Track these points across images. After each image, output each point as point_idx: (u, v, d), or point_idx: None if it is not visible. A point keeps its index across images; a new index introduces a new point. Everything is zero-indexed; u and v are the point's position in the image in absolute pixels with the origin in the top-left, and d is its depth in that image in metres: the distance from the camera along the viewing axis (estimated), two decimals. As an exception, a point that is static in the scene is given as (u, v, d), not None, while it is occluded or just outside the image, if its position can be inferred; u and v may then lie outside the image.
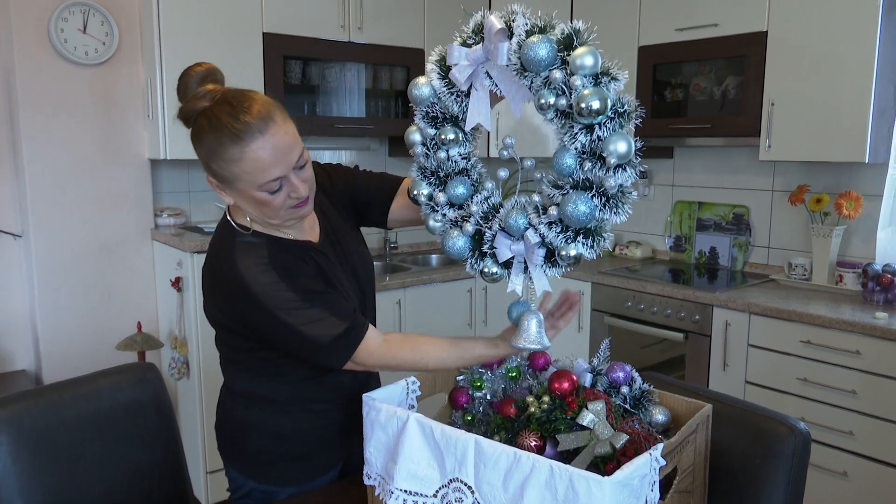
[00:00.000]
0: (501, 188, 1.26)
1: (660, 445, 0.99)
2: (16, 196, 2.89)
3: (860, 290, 2.74)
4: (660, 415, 1.23)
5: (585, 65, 1.03)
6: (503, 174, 1.21)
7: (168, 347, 3.01)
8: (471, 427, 1.30)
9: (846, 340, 2.44)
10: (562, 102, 1.06)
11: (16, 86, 2.74)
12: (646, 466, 0.96)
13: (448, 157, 1.24)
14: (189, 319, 2.83)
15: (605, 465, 1.05)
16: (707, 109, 3.13)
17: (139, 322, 3.01)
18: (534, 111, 1.13)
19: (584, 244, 1.11)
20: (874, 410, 2.39)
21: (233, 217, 1.35)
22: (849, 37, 2.59)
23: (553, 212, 1.11)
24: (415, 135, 1.26)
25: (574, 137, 1.07)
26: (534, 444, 1.11)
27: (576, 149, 1.08)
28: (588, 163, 1.07)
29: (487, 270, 1.22)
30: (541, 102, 1.08)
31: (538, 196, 1.16)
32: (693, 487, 1.19)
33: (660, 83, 3.25)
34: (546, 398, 1.18)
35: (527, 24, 1.08)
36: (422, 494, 1.10)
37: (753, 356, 2.70)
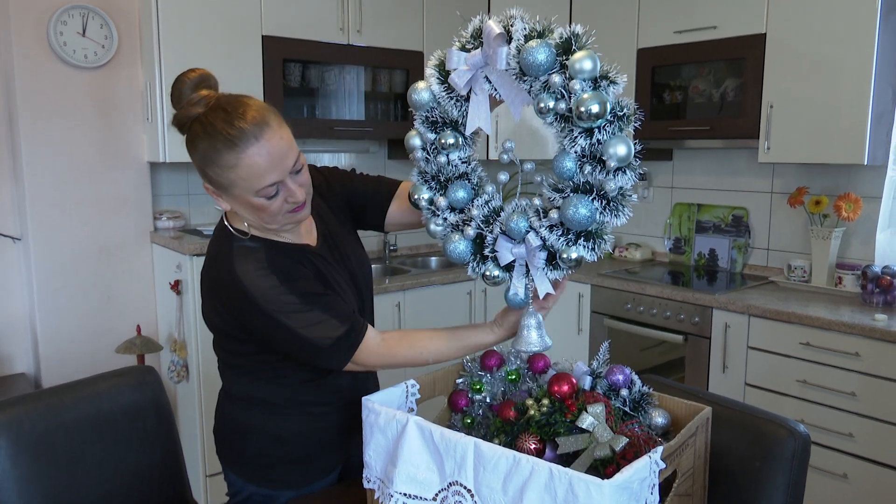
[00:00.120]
0: (502, 192, 1.26)
1: (659, 448, 0.99)
2: (15, 199, 2.89)
3: (859, 292, 2.74)
4: (659, 417, 1.22)
5: (584, 69, 1.04)
6: (503, 177, 1.21)
7: (167, 350, 3.00)
8: (470, 430, 1.30)
9: (845, 342, 2.44)
10: (561, 106, 1.07)
11: (15, 89, 2.74)
12: (645, 469, 0.96)
13: (448, 162, 1.24)
14: (188, 322, 2.83)
15: (605, 468, 1.05)
16: (706, 112, 3.14)
17: (138, 325, 3.00)
18: (533, 114, 1.13)
19: (585, 247, 1.12)
20: (874, 412, 2.39)
21: (230, 222, 1.35)
22: (847, 39, 2.59)
23: (554, 215, 1.11)
24: (415, 139, 1.26)
25: (574, 141, 1.07)
26: (533, 447, 1.11)
27: (576, 152, 1.08)
28: (588, 166, 1.08)
29: (489, 274, 1.22)
30: (540, 106, 1.09)
31: (539, 199, 1.16)
32: (693, 490, 1.18)
33: (659, 85, 3.26)
34: (545, 401, 1.18)
35: (525, 29, 1.09)
36: (421, 498, 1.10)
37: (753, 358, 2.70)
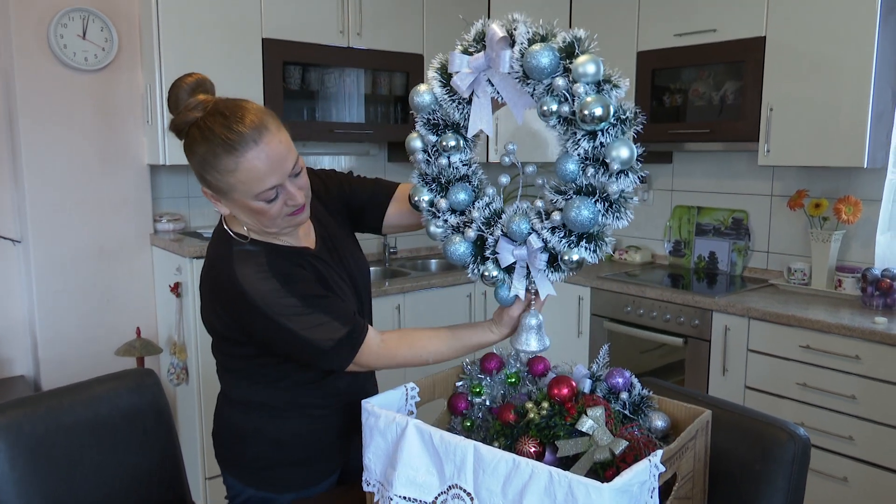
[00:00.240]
0: (502, 194, 1.26)
1: (659, 451, 0.99)
2: (15, 201, 2.89)
3: (859, 295, 2.74)
4: (659, 421, 1.22)
5: (588, 72, 1.05)
6: (504, 180, 1.22)
7: (167, 353, 3.00)
8: (470, 433, 1.30)
9: (845, 345, 2.44)
10: (564, 109, 1.07)
11: (15, 91, 2.74)
12: (645, 473, 0.96)
13: (449, 164, 1.25)
14: (188, 325, 2.83)
15: (605, 472, 1.05)
16: (706, 114, 3.14)
17: (138, 327, 3.00)
18: (534, 117, 1.14)
19: (587, 249, 1.13)
20: (874, 415, 2.39)
21: (229, 226, 1.35)
22: (847, 42, 2.60)
23: (556, 217, 1.12)
24: (416, 142, 1.26)
25: (577, 144, 1.08)
26: (533, 451, 1.11)
27: (579, 154, 1.09)
28: (591, 168, 1.08)
29: (489, 275, 1.23)
30: (543, 109, 1.09)
31: (541, 201, 1.16)
32: (692, 494, 1.18)
33: (658, 88, 3.26)
34: (545, 404, 1.18)
35: (529, 33, 1.09)
36: (421, 501, 1.10)
37: (753, 361, 2.70)
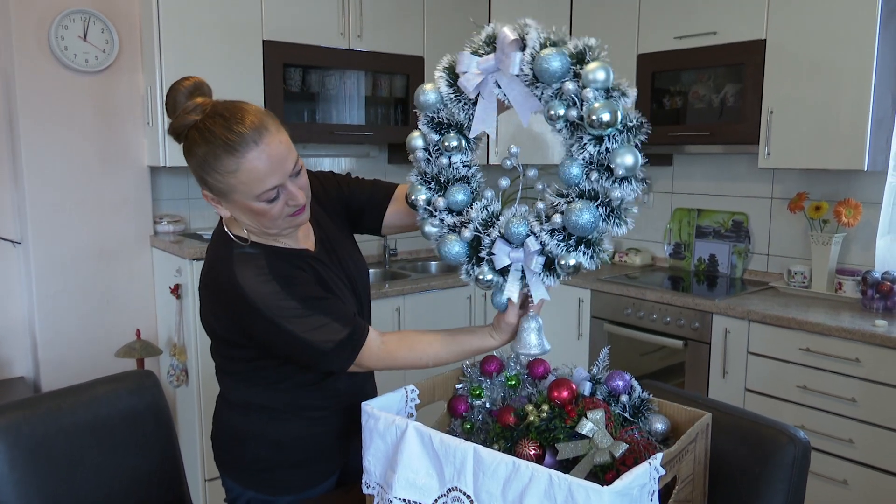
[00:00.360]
0: (501, 197, 1.26)
1: (659, 455, 0.99)
2: (15, 202, 2.89)
3: (859, 298, 2.74)
4: (659, 424, 1.22)
5: (598, 79, 1.06)
6: (504, 183, 1.22)
7: (167, 354, 3.00)
8: (470, 435, 1.30)
9: (846, 348, 2.44)
10: (572, 114, 1.09)
11: (16, 92, 2.74)
12: (645, 476, 0.96)
13: (450, 164, 1.25)
14: (188, 327, 2.82)
15: (605, 475, 1.05)
16: (706, 117, 3.14)
17: (138, 329, 3.00)
18: (535, 120, 1.14)
19: (585, 254, 1.13)
20: (874, 418, 2.39)
21: (229, 229, 1.35)
22: (847, 45, 2.60)
23: (557, 219, 1.12)
24: (417, 140, 1.26)
25: (582, 148, 1.09)
26: (533, 453, 1.11)
27: (584, 159, 1.10)
28: (595, 173, 1.09)
29: (482, 277, 1.23)
30: (550, 113, 1.11)
31: (542, 203, 1.17)
32: (692, 497, 1.18)
33: (659, 91, 3.26)
34: (545, 407, 1.18)
35: (540, 38, 1.10)
36: (421, 503, 1.10)
37: (753, 364, 2.70)
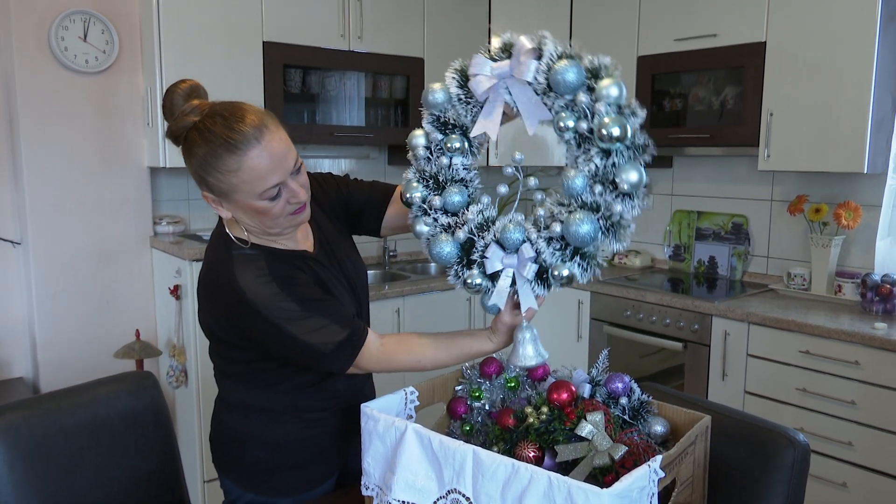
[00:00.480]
0: (497, 204, 1.27)
1: (658, 457, 0.99)
2: (15, 203, 2.89)
3: (859, 301, 2.74)
4: (658, 426, 1.22)
5: (611, 94, 1.08)
6: (503, 190, 1.22)
7: (166, 355, 3.00)
8: (469, 437, 1.30)
9: (845, 351, 2.44)
10: (582, 126, 1.11)
11: (16, 93, 2.74)
12: (644, 478, 0.96)
13: (450, 165, 1.25)
14: (187, 327, 2.82)
15: (604, 477, 1.05)
16: (706, 119, 3.14)
17: (137, 330, 3.00)
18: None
19: (579, 265, 1.15)
20: (873, 421, 2.39)
21: (230, 230, 1.35)
22: (847, 47, 2.60)
23: (556, 227, 1.13)
24: (419, 138, 1.27)
25: (589, 160, 1.10)
26: (532, 455, 1.11)
27: (589, 171, 1.11)
28: (599, 186, 1.11)
29: (471, 281, 1.23)
30: (560, 125, 1.12)
31: (542, 210, 1.17)
32: (692, 499, 1.18)
33: (658, 93, 3.26)
34: (545, 409, 1.18)
35: (557, 50, 1.12)
36: (420, 505, 1.10)
37: (752, 366, 2.70)
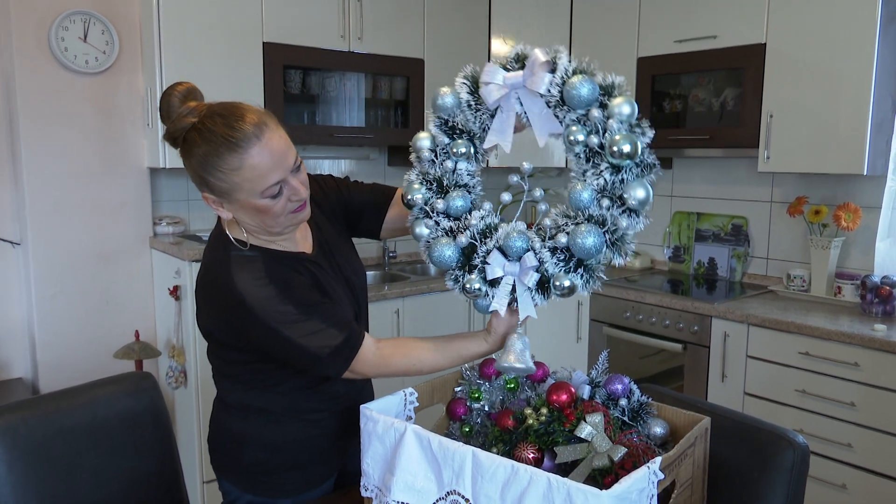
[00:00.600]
0: (500, 212, 1.27)
1: (658, 458, 0.99)
2: (15, 204, 2.89)
3: (859, 302, 2.74)
4: (658, 427, 1.22)
5: (624, 112, 1.10)
6: (506, 198, 1.23)
7: (166, 356, 3.00)
8: (468, 439, 1.30)
9: (845, 352, 2.44)
10: (593, 141, 1.12)
11: (16, 93, 2.74)
12: (644, 480, 0.96)
13: (454, 170, 1.26)
14: (187, 328, 2.82)
15: (604, 479, 1.05)
16: (706, 121, 3.14)
17: (137, 330, 3.00)
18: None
19: (582, 277, 1.16)
20: (873, 423, 2.39)
21: (229, 232, 1.35)
22: (847, 49, 2.60)
23: (562, 239, 1.14)
24: (425, 140, 1.27)
25: (599, 174, 1.12)
26: (531, 457, 1.11)
27: (597, 185, 1.13)
28: (607, 200, 1.12)
29: (470, 286, 1.23)
30: (570, 138, 1.14)
31: (548, 220, 1.18)
32: (691, 501, 1.18)
33: (658, 94, 3.26)
34: (544, 410, 1.18)
35: (571, 63, 1.14)
36: (419, 507, 1.10)
37: (752, 367, 2.70)
